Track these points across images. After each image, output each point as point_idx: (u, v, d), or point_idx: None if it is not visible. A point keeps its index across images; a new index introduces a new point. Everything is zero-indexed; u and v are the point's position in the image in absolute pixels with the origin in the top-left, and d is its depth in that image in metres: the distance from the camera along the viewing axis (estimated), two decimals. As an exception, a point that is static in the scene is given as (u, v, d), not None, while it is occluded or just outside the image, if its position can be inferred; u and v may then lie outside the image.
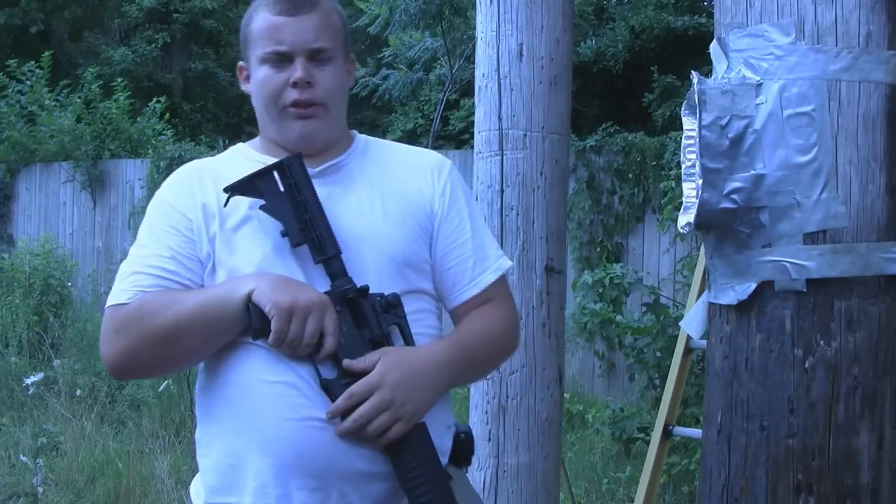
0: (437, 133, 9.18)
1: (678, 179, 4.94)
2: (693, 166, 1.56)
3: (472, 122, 2.71)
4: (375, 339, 1.40)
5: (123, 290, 1.42)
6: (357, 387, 1.35)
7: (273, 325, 1.33)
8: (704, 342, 1.99)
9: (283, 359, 1.37)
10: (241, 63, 1.58)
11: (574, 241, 6.47)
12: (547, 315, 2.54)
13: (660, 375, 4.52)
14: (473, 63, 2.75)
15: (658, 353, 4.41)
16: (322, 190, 1.45)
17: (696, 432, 2.92)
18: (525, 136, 2.53)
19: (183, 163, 1.62)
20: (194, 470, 1.48)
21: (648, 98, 8.18)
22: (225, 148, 1.74)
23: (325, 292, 1.39)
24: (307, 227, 1.39)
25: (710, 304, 1.62)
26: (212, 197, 1.46)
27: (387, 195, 1.51)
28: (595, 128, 7.01)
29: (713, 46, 1.58)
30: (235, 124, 15.10)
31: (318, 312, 1.35)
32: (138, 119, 9.74)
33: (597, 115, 8.45)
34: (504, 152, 2.54)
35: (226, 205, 1.43)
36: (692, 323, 1.75)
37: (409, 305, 1.45)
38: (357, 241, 1.44)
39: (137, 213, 8.33)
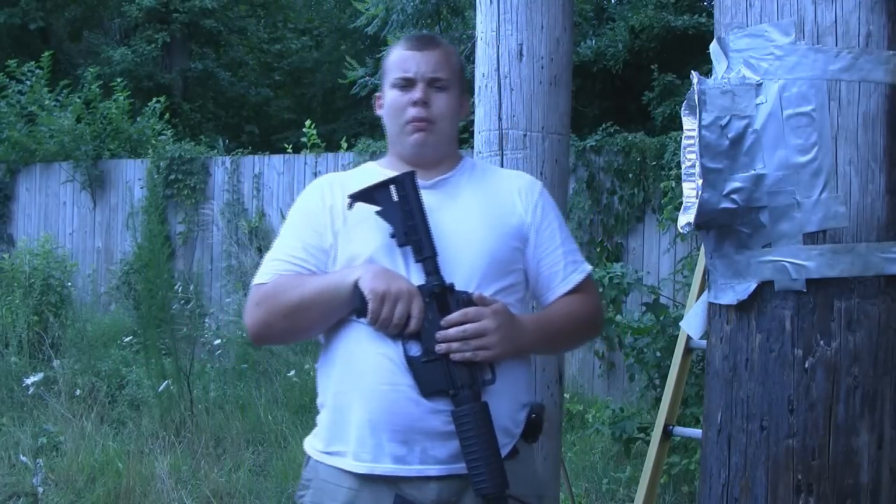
0: (436, 133, 9.17)
1: (678, 179, 4.94)
2: (693, 166, 1.56)
3: (472, 121, 2.71)
4: None
5: (264, 272, 1.75)
6: (473, 310, 1.64)
7: (369, 307, 1.62)
8: (704, 342, 1.99)
9: (383, 337, 1.65)
10: (377, 93, 1.90)
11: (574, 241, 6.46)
12: (547, 315, 2.54)
13: (660, 375, 4.52)
14: (473, 63, 2.75)
15: (658, 353, 4.40)
16: (433, 199, 1.75)
17: (696, 432, 2.92)
18: (525, 136, 2.53)
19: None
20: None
21: (648, 97, 8.18)
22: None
23: (418, 286, 1.65)
24: (411, 232, 1.68)
25: (710, 304, 1.62)
26: (339, 201, 1.77)
27: (485, 206, 1.80)
28: (595, 128, 7.00)
29: (713, 46, 1.58)
30: (235, 124, 15.10)
31: (406, 299, 1.62)
32: (138, 119, 9.73)
33: (597, 115, 8.44)
34: (504, 152, 2.54)
35: (350, 208, 1.73)
36: (692, 323, 1.75)
37: (502, 299, 1.72)
38: (458, 242, 1.72)
39: (137, 213, 8.33)
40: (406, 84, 1.79)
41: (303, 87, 16.53)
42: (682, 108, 1.64)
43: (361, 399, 1.66)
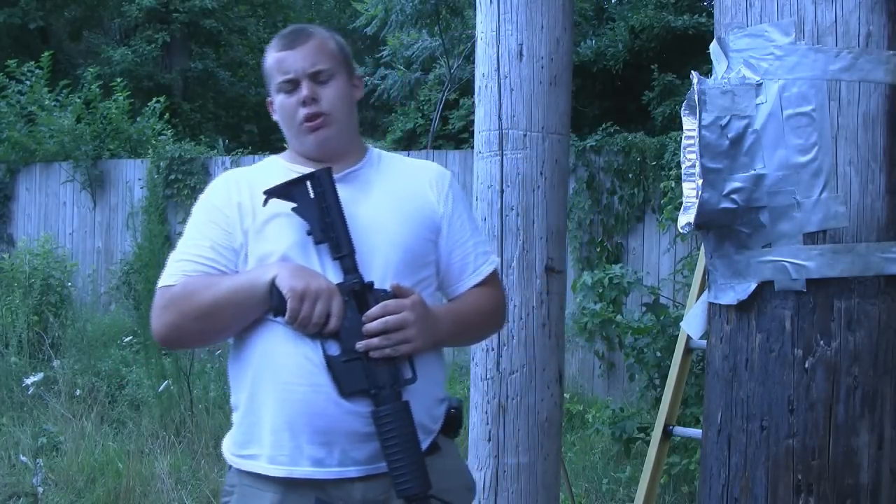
0: (436, 133, 9.18)
1: (678, 179, 4.94)
2: (693, 166, 1.56)
3: (472, 121, 2.71)
4: None
5: (171, 273, 1.69)
6: (392, 302, 1.62)
7: (288, 305, 1.56)
8: (704, 342, 1.99)
9: (302, 336, 1.60)
10: (269, 98, 1.82)
11: (574, 241, 6.47)
12: (547, 315, 2.54)
13: (660, 375, 4.52)
14: (472, 62, 2.76)
15: (658, 353, 4.40)
16: (344, 192, 1.69)
17: (696, 432, 2.92)
18: (525, 136, 2.53)
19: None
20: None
21: (648, 97, 8.18)
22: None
23: (336, 284, 1.61)
24: (328, 229, 1.63)
25: (710, 304, 1.62)
26: (246, 198, 1.71)
27: (398, 199, 1.76)
28: (595, 128, 7.00)
29: (713, 46, 1.58)
30: (235, 124, 15.09)
31: (325, 297, 1.58)
32: (138, 119, 9.73)
33: (597, 115, 8.44)
34: (504, 152, 2.54)
35: (264, 204, 1.67)
36: (692, 323, 1.75)
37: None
38: (372, 235, 1.68)
39: (137, 213, 8.33)
40: (290, 86, 1.73)
41: (302, 87, 16.50)
42: (682, 108, 1.64)
43: (279, 400, 1.61)
